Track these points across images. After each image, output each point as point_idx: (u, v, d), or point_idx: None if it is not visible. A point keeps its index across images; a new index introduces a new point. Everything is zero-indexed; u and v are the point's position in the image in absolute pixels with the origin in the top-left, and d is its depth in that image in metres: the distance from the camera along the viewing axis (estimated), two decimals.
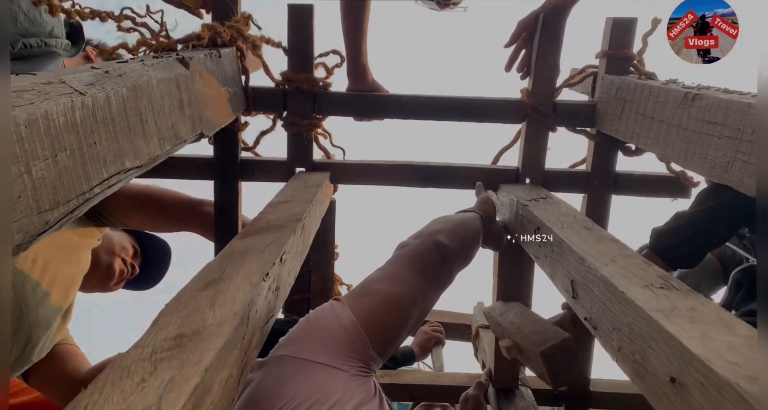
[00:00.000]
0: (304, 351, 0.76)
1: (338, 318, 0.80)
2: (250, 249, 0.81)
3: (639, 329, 0.66)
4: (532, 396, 1.56)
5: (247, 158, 1.52)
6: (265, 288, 0.70)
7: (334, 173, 1.51)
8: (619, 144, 1.48)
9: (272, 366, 0.76)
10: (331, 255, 1.60)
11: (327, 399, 0.70)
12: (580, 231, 0.99)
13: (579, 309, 0.85)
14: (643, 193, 1.50)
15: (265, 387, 0.73)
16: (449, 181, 1.56)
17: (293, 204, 1.11)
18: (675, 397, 0.57)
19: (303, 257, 1.03)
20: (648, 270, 0.79)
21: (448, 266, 0.99)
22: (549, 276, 1.02)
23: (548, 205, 1.21)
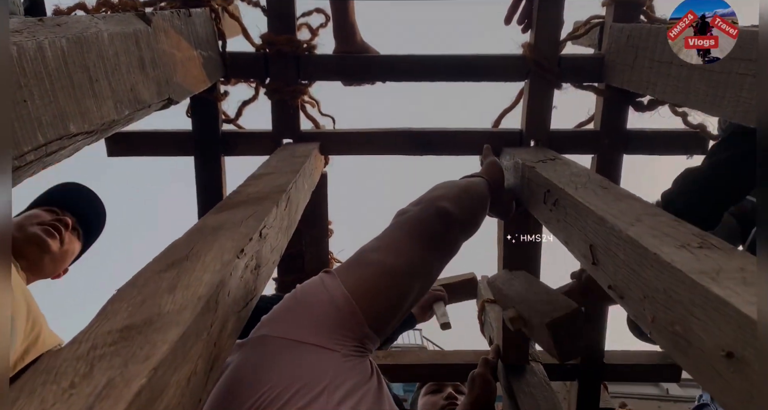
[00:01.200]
0: (289, 330, 0.66)
1: (329, 292, 0.70)
2: (224, 224, 0.71)
3: (678, 295, 0.56)
4: (543, 371, 1.48)
5: (229, 131, 1.42)
6: (240, 267, 0.60)
7: (323, 143, 1.41)
8: (630, 99, 1.37)
9: (251, 348, 0.66)
10: (324, 232, 1.50)
11: (314, 385, 0.61)
12: (596, 191, 0.89)
13: (601, 276, 0.76)
14: (657, 151, 1.40)
15: (242, 372, 0.63)
16: (448, 148, 1.46)
17: (277, 175, 1.00)
18: (731, 375, 0.47)
19: (290, 233, 0.93)
20: (680, 229, 0.69)
21: (452, 234, 0.88)
22: (563, 243, 0.92)
23: (557, 166, 1.10)
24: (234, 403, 0.61)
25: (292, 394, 0.59)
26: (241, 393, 0.61)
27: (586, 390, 1.57)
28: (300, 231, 1.50)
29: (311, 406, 0.58)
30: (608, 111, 1.38)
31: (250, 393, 0.60)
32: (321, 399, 0.59)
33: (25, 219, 1.20)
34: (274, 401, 0.59)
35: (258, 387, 0.60)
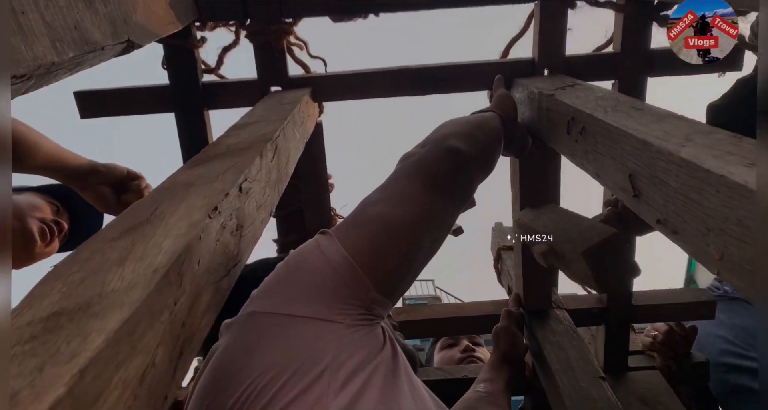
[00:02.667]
0: (281, 304, 0.56)
1: (325, 255, 0.59)
2: (197, 179, 0.59)
3: (757, 225, 0.45)
4: (569, 318, 1.40)
5: (210, 82, 1.29)
6: (214, 229, 0.50)
7: (315, 89, 1.27)
8: (653, 14, 1.22)
9: (239, 328, 0.56)
10: (324, 187, 1.39)
11: (313, 366, 0.51)
12: (630, 113, 0.76)
13: (645, 210, 0.64)
14: (686, 71, 1.25)
15: (228, 358, 0.54)
16: (455, 84, 1.32)
17: (263, 124, 0.88)
18: None
19: (281, 187, 0.82)
20: (743, 146, 0.57)
21: (465, 175, 0.76)
22: (594, 176, 0.80)
23: (579, 91, 0.97)
24: (221, 395, 0.51)
25: (287, 379, 0.49)
26: (228, 382, 0.51)
27: (614, 335, 1.48)
28: (298, 187, 1.39)
29: (309, 393, 0.49)
30: (629, 29, 1.24)
31: (237, 381, 0.51)
32: (321, 382, 0.50)
33: (27, 207, 1.10)
34: (264, 390, 0.49)
35: (246, 374, 0.51)
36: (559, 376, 1.20)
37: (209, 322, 0.47)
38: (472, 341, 1.70)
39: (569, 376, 1.19)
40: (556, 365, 1.23)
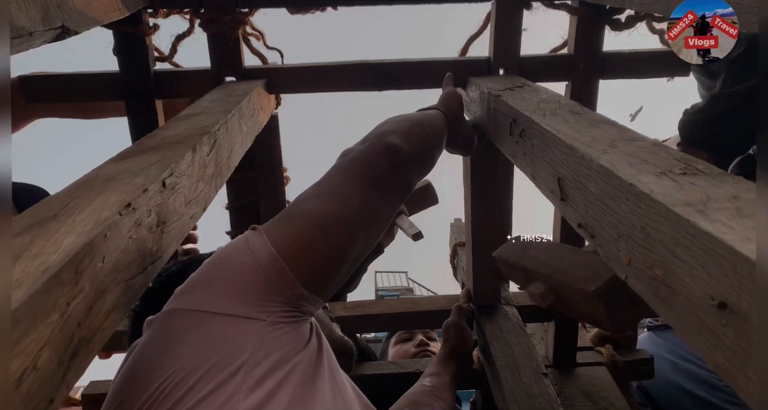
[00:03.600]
0: (203, 301, 0.55)
1: (252, 252, 0.59)
2: (120, 173, 0.58)
3: (659, 233, 0.46)
4: (518, 315, 1.42)
5: (163, 70, 1.26)
6: (127, 225, 0.49)
7: (270, 81, 1.26)
8: (606, 17, 1.24)
9: (158, 326, 0.56)
10: (279, 180, 1.39)
11: (229, 363, 0.51)
12: (566, 117, 0.77)
13: (570, 213, 0.66)
14: (636, 75, 1.28)
15: (144, 356, 0.54)
16: (412, 81, 1.32)
17: (205, 116, 0.87)
18: (724, 329, 0.38)
19: (219, 182, 0.81)
20: (660, 154, 0.58)
21: (403, 174, 0.76)
22: (530, 178, 0.81)
23: (525, 93, 0.98)
24: (133, 393, 0.51)
25: (201, 376, 0.49)
26: (142, 379, 0.51)
27: (563, 331, 1.51)
28: (253, 180, 1.38)
29: (221, 391, 0.49)
30: (583, 32, 1.25)
31: (151, 379, 0.50)
32: (235, 379, 0.50)
33: None
34: (176, 387, 0.49)
35: (160, 372, 0.50)
36: (503, 372, 1.22)
37: (116, 321, 0.46)
38: (426, 336, 1.72)
39: (512, 372, 1.21)
40: (501, 361, 1.25)
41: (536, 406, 1.17)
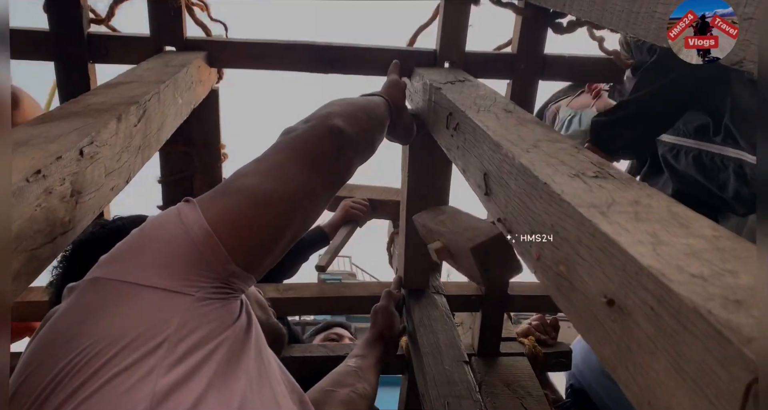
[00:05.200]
0: (128, 271, 0.53)
1: (183, 224, 0.57)
2: (34, 138, 0.56)
3: (565, 231, 0.49)
4: (446, 303, 1.46)
5: (98, 33, 1.21)
6: (35, 193, 0.47)
7: (212, 54, 1.23)
8: (549, 20, 1.27)
9: (78, 294, 0.54)
10: (216, 156, 1.36)
11: (151, 337, 0.49)
12: (498, 115, 0.80)
13: (492, 207, 0.68)
14: (573, 78, 1.33)
15: (62, 325, 0.51)
16: (357, 66, 1.32)
17: (136, 85, 0.84)
18: (612, 325, 0.41)
19: (146, 154, 0.79)
20: (578, 157, 0.61)
21: (344, 156, 0.75)
22: (461, 171, 0.83)
23: (464, 88, 1.00)
24: (46, 363, 0.49)
25: (120, 349, 0.48)
26: (57, 349, 0.49)
27: (489, 321, 1.57)
28: (189, 155, 1.35)
29: (140, 366, 0.47)
30: (526, 33, 1.29)
31: (66, 349, 0.48)
32: (157, 354, 0.48)
33: None
34: (93, 359, 0.47)
35: (78, 342, 0.48)
36: (427, 358, 1.25)
37: (17, 291, 0.45)
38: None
39: (436, 359, 1.24)
40: (426, 348, 1.28)
41: (455, 392, 1.20)
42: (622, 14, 0.81)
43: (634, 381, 0.38)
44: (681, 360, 0.33)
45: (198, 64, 1.12)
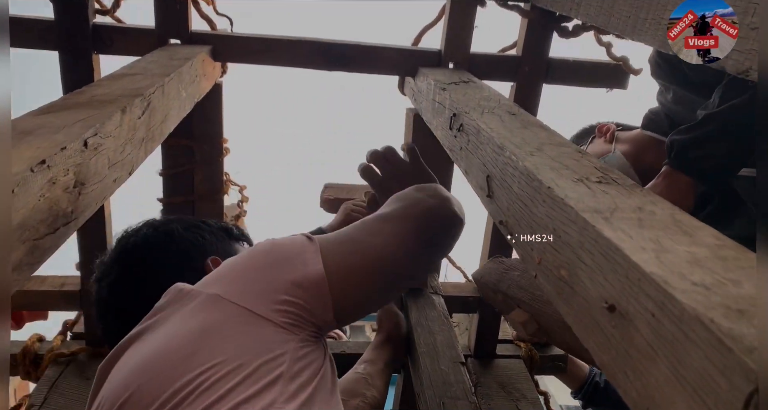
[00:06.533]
0: (247, 298, 0.55)
1: (304, 267, 0.59)
2: (39, 128, 0.56)
3: (568, 236, 0.49)
4: (444, 304, 1.46)
5: (102, 24, 1.20)
6: (38, 183, 0.47)
7: (217, 48, 1.23)
8: (555, 24, 1.27)
9: (199, 307, 0.55)
10: (218, 150, 1.35)
11: (269, 371, 0.51)
12: (502, 117, 0.80)
13: (494, 210, 0.68)
14: (577, 82, 1.33)
15: (181, 336, 0.52)
16: (363, 64, 1.32)
17: (141, 77, 0.84)
18: (612, 330, 0.41)
19: (150, 147, 0.79)
20: (582, 161, 0.61)
21: (453, 242, 0.77)
22: (463, 173, 0.83)
23: (469, 89, 1.00)
24: (166, 373, 0.50)
25: (243, 378, 0.50)
26: (176, 362, 0.50)
27: (486, 323, 1.57)
28: (191, 148, 1.34)
29: (261, 397, 0.49)
30: (531, 35, 1.29)
31: (187, 365, 0.50)
32: (275, 389, 0.51)
33: None
34: (217, 384, 0.49)
35: (199, 360, 0.50)
36: (423, 359, 1.25)
37: (18, 281, 0.44)
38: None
39: (432, 359, 1.24)
40: (423, 348, 1.28)
41: (451, 393, 1.21)
42: (628, 20, 0.81)
43: (634, 387, 0.38)
44: (681, 368, 0.33)
45: (203, 57, 1.12)
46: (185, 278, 0.65)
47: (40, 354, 1.34)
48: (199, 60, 1.08)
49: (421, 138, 1.26)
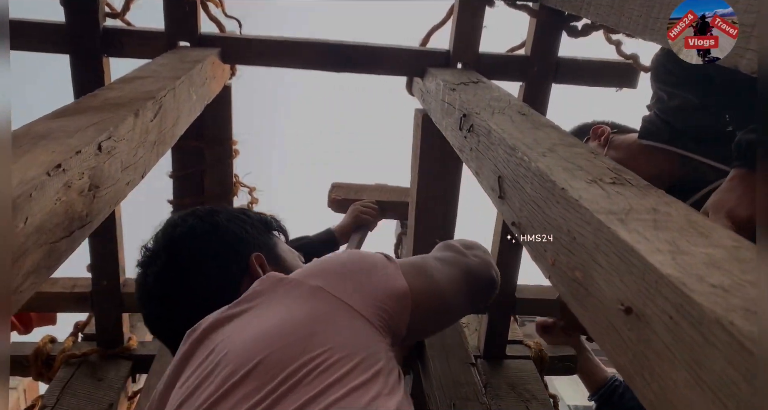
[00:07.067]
0: (350, 295, 0.60)
1: (393, 279, 0.65)
2: (53, 132, 0.56)
3: (582, 238, 0.49)
4: None
5: (113, 27, 1.21)
6: (55, 187, 0.47)
7: (225, 50, 1.23)
8: (564, 23, 1.27)
9: (307, 295, 0.59)
10: (228, 152, 1.36)
11: (372, 364, 0.56)
12: (513, 117, 0.79)
13: (506, 211, 0.68)
14: (587, 82, 1.32)
15: (294, 319, 0.57)
16: (371, 65, 1.32)
17: (152, 80, 0.84)
18: (628, 333, 0.41)
19: (161, 150, 0.79)
20: (595, 162, 0.61)
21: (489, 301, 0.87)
22: (474, 174, 0.83)
23: (479, 90, 1.00)
24: (290, 348, 0.54)
25: (354, 366, 0.54)
26: (293, 342, 0.55)
27: (495, 323, 1.56)
28: (201, 150, 1.35)
29: (368, 387, 0.54)
30: (540, 35, 1.28)
31: (304, 345, 0.54)
32: (378, 381, 0.55)
33: None
34: (332, 367, 0.53)
35: (314, 343, 0.55)
36: (433, 360, 1.25)
37: (35, 284, 0.45)
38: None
39: (442, 360, 1.25)
40: (433, 349, 1.28)
41: (461, 394, 1.21)
42: (639, 19, 0.80)
43: (651, 389, 0.38)
44: (701, 371, 0.33)
45: (212, 60, 1.12)
46: (229, 270, 0.70)
47: (52, 356, 1.35)
48: (208, 62, 1.09)
49: (430, 138, 1.26)
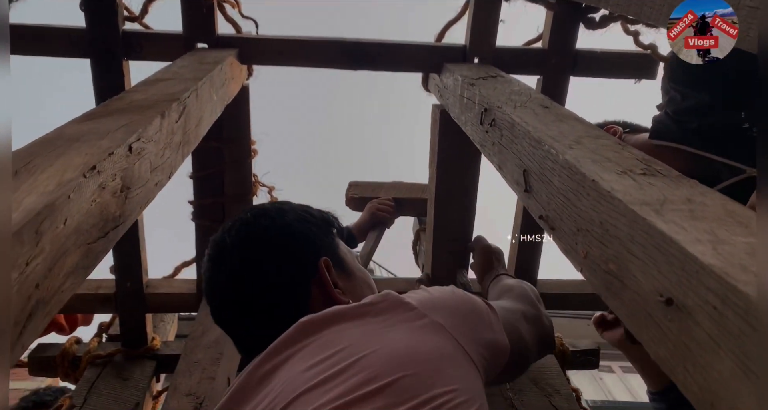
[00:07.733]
0: (466, 339, 0.62)
1: (493, 330, 0.68)
2: (85, 134, 0.57)
3: (616, 229, 0.48)
4: None
5: (131, 30, 1.22)
6: (90, 188, 0.48)
7: (243, 50, 1.24)
8: (581, 15, 1.26)
9: (429, 329, 0.60)
10: (247, 152, 1.37)
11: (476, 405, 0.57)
12: (536, 111, 0.79)
13: (533, 205, 0.68)
14: (605, 74, 1.31)
15: (420, 349, 0.57)
16: (387, 62, 1.32)
17: (175, 82, 0.85)
18: (668, 324, 0.40)
19: (186, 150, 0.80)
20: (623, 153, 0.60)
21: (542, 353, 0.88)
22: (497, 168, 0.83)
23: (498, 84, 0.99)
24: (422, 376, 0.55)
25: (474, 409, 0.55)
26: (429, 372, 0.55)
27: None
28: (220, 151, 1.36)
29: None
30: (557, 28, 1.27)
31: (436, 379, 0.55)
32: None
33: None
34: (458, 407, 0.54)
35: (443, 379, 0.55)
36: None
37: (75, 284, 0.45)
38: None
39: None
40: None
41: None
42: (663, 8, 0.79)
43: (695, 381, 0.38)
44: (749, 361, 0.33)
45: (230, 61, 1.13)
46: (299, 274, 0.71)
47: (78, 356, 1.37)
48: (227, 63, 1.09)
49: (448, 134, 1.26)
